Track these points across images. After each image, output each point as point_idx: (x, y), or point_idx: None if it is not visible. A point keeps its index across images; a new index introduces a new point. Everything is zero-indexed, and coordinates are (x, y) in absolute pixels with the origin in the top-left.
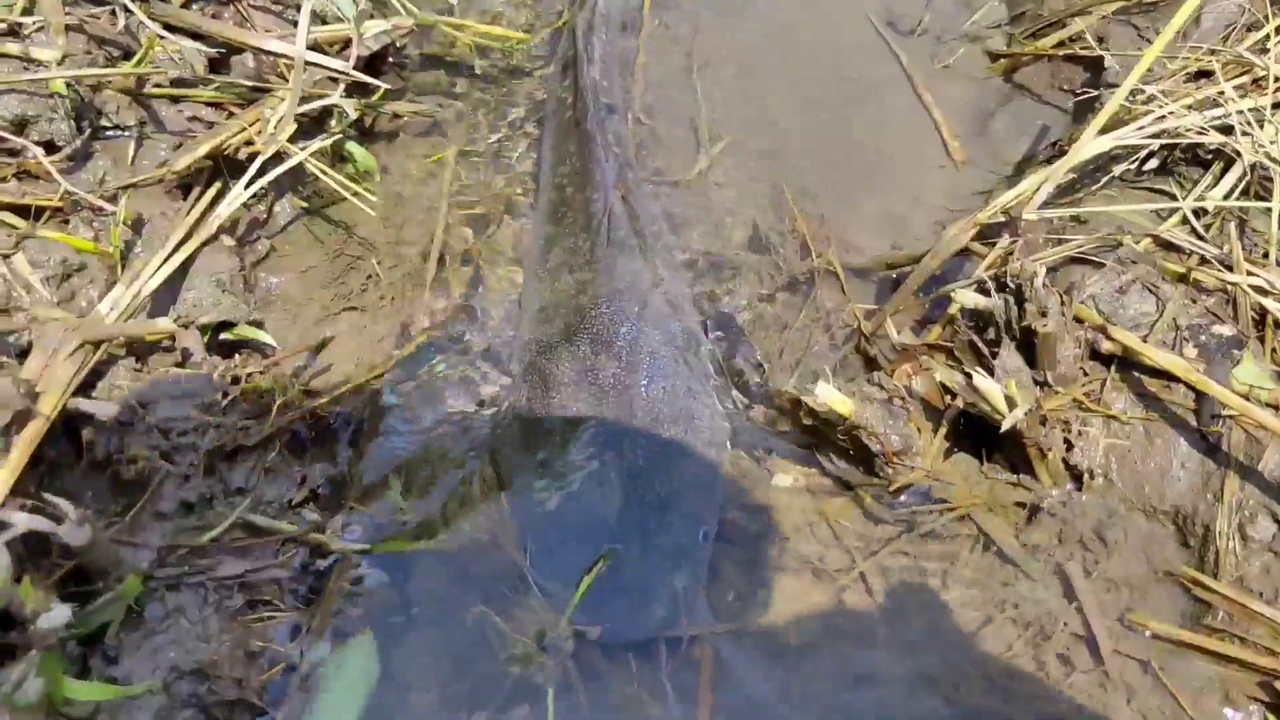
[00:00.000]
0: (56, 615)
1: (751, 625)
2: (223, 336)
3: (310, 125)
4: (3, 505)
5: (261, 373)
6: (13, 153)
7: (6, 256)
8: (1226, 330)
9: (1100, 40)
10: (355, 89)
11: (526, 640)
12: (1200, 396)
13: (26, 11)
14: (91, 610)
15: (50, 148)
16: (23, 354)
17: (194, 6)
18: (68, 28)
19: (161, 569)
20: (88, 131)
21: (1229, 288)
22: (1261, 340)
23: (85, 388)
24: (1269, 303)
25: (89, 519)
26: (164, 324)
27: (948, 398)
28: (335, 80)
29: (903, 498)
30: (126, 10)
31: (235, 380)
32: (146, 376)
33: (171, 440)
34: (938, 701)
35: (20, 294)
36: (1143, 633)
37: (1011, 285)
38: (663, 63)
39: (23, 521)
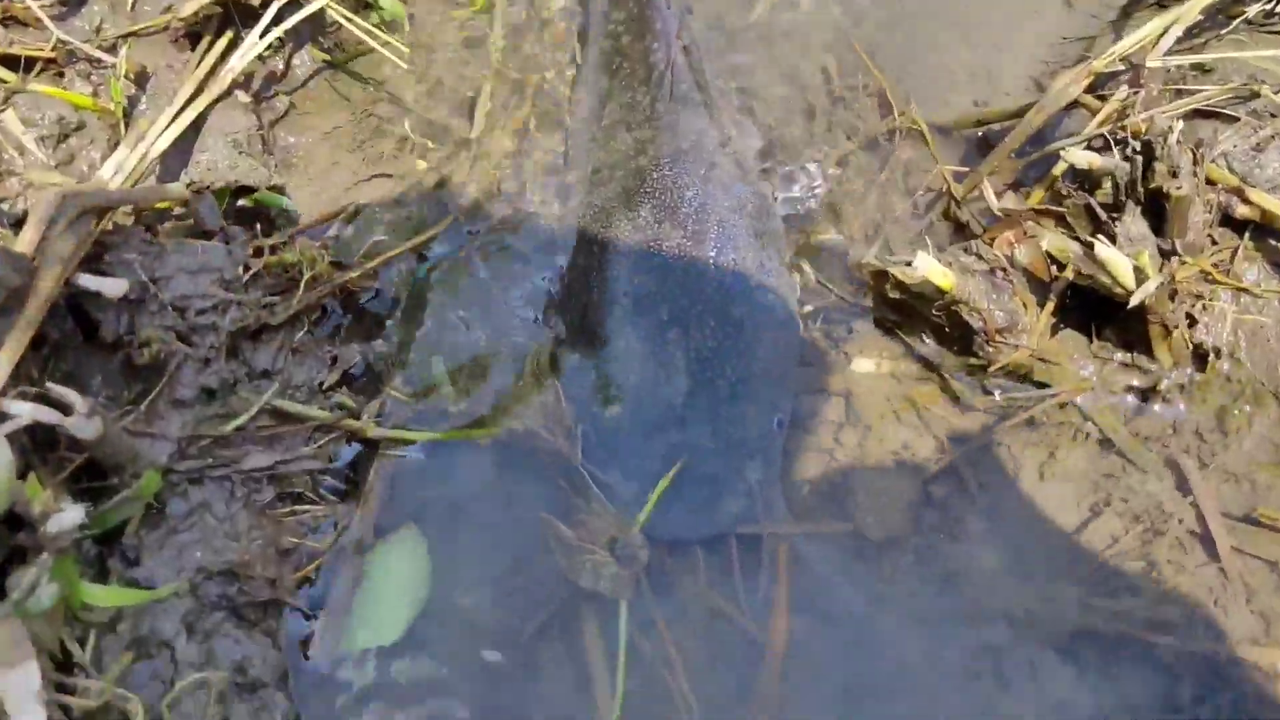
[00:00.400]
0: (68, 516)
1: (830, 520)
2: (241, 203)
3: None
4: (2, 394)
5: (285, 244)
6: None
7: None
8: None
9: None
10: None
11: (596, 548)
12: None
13: None
14: (107, 509)
15: None
16: (17, 224)
17: None
18: None
19: (183, 462)
20: None
21: None
22: None
23: (90, 260)
24: None
25: (99, 409)
26: (176, 189)
27: (1054, 269)
28: None
29: (1000, 382)
30: None
31: (257, 252)
32: (158, 248)
33: (189, 320)
34: (1034, 602)
35: (12, 156)
36: (1269, 529)
37: (1135, 143)
38: None
39: (26, 412)
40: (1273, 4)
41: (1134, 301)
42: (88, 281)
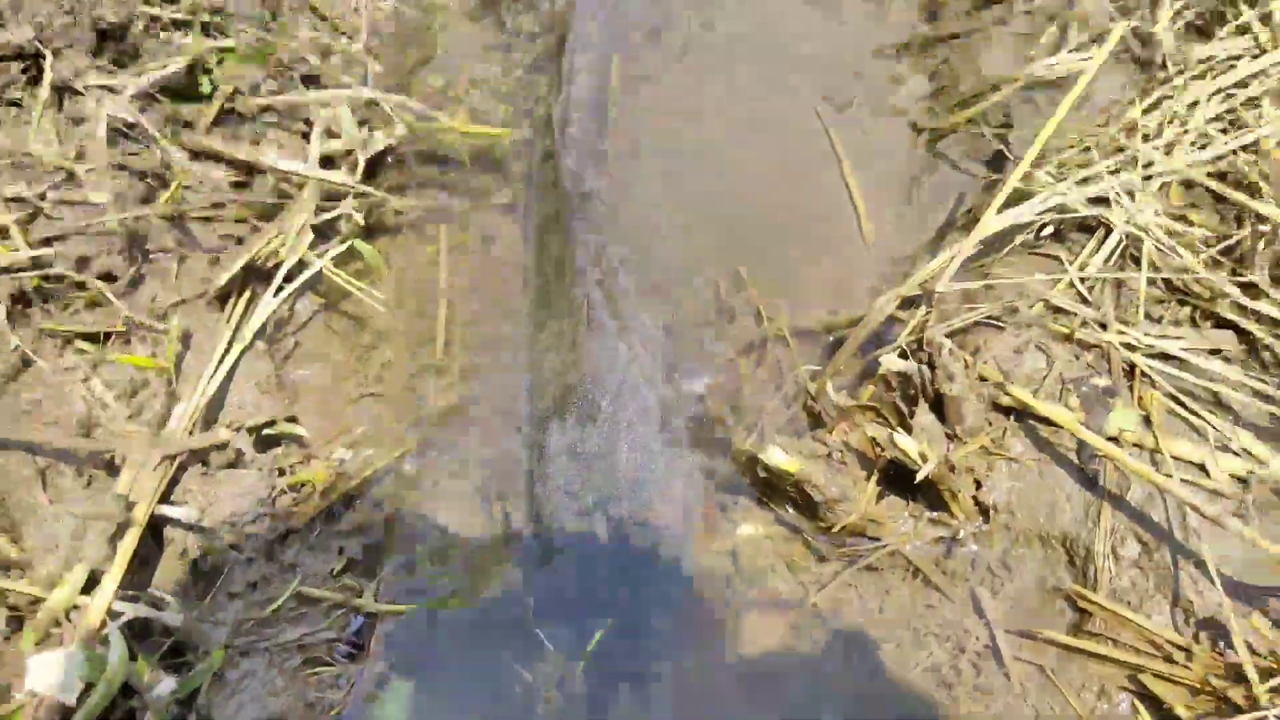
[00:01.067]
0: (165, 685)
1: (722, 653)
2: (265, 431)
3: (324, 226)
4: (114, 598)
5: (302, 463)
6: (80, 286)
7: (86, 380)
8: (1103, 381)
9: (1007, 114)
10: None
11: (547, 685)
12: (1081, 440)
13: (79, 158)
14: (188, 678)
15: (109, 278)
16: (108, 465)
17: (216, 130)
18: (112, 165)
19: (237, 639)
20: (138, 259)
21: (1104, 345)
22: (1131, 389)
23: (165, 494)
24: (1135, 357)
25: (183, 605)
26: (223, 434)
27: (878, 449)
28: (344, 192)
29: (846, 538)
30: (157, 143)
31: (281, 472)
32: (212, 479)
33: (237, 531)
34: (878, 707)
35: (99, 412)
36: (1039, 641)
37: (926, 352)
38: (627, 149)
39: (132, 610)
40: (1035, 232)
41: (919, 476)
42: (168, 510)
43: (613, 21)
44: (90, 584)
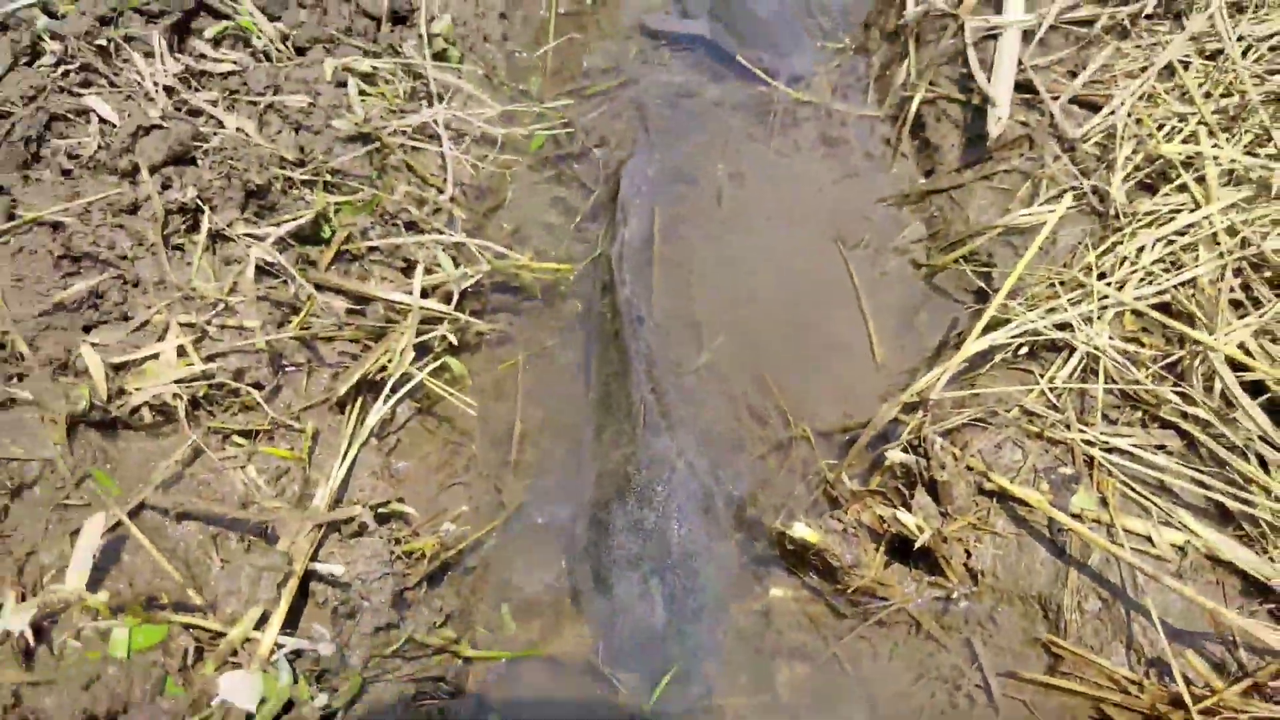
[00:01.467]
0: (319, 702)
1: (758, 695)
2: (380, 510)
3: (420, 346)
4: (278, 634)
5: (411, 537)
6: (236, 393)
7: (243, 467)
8: (1068, 470)
9: (989, 255)
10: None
11: None
12: (1051, 517)
13: (232, 291)
14: (336, 695)
15: (258, 387)
16: (263, 534)
17: (334, 267)
18: (258, 297)
19: (365, 670)
20: (278, 372)
21: (1068, 441)
22: (1090, 476)
23: (314, 555)
24: (1094, 451)
25: (334, 639)
26: (355, 510)
27: (884, 525)
28: (440, 318)
29: (860, 598)
30: (293, 279)
31: (396, 541)
32: (346, 545)
33: (367, 585)
34: None
35: (253, 492)
36: (1021, 681)
37: (923, 447)
38: (672, 281)
39: (294, 643)
40: (1012, 351)
41: (917, 545)
42: (320, 567)
43: (658, 175)
44: (261, 621)
